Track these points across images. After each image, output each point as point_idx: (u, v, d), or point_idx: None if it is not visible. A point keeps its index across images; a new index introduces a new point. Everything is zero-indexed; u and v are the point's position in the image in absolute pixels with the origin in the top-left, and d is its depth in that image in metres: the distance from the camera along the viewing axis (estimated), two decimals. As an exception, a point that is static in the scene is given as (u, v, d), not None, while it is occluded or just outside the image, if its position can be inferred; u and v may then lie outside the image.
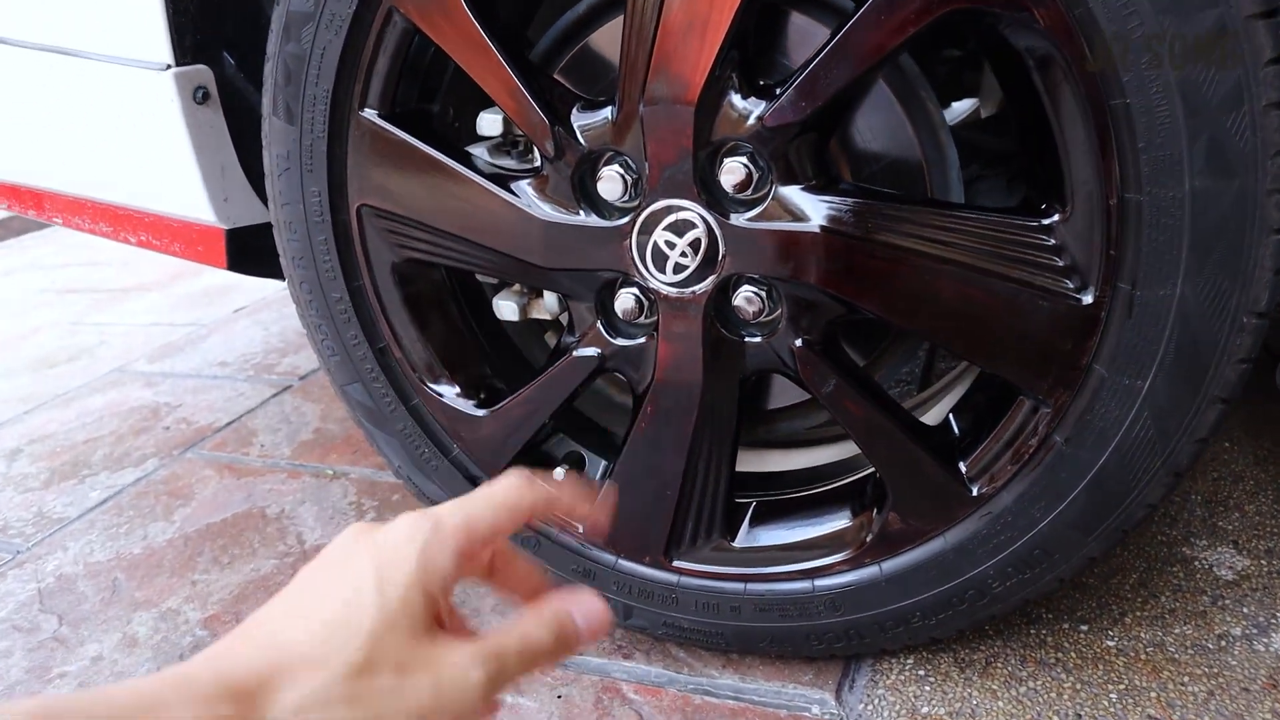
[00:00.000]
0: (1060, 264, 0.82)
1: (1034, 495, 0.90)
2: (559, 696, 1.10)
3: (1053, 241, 0.82)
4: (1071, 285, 0.82)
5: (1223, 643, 1.09)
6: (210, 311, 2.81)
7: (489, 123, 1.01)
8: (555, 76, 0.98)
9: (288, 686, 0.42)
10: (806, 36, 0.92)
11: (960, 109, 1.11)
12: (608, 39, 1.01)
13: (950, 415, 0.99)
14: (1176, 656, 1.07)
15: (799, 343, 0.92)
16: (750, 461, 1.15)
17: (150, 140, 1.15)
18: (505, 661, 0.48)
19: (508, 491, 0.52)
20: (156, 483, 1.74)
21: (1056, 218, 0.81)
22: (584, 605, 0.52)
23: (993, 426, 0.92)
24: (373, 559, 0.47)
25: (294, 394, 2.09)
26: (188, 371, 2.31)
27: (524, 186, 0.97)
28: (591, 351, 1.00)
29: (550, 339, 1.20)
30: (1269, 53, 0.70)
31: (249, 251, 1.22)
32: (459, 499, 0.52)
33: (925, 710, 1.03)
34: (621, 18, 0.87)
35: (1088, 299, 0.82)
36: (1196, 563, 1.21)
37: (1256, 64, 0.71)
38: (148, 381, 2.28)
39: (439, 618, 0.48)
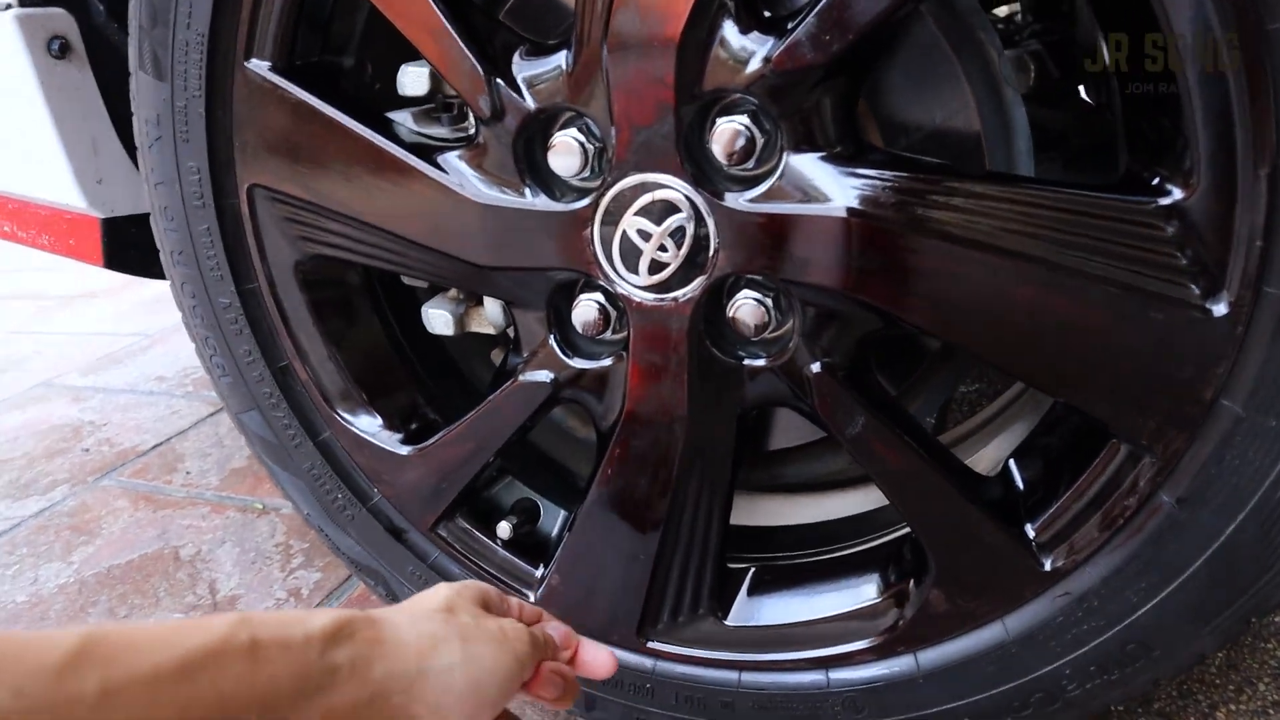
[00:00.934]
0: (1180, 261, 0.59)
1: (1131, 573, 0.67)
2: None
3: (1170, 230, 0.59)
4: (1196, 290, 0.59)
5: (1344, 745, 0.85)
6: (159, 320, 2.57)
7: (413, 78, 0.78)
8: (493, 15, 0.74)
9: (396, 610, 0.53)
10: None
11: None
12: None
13: (1011, 461, 0.76)
14: (1290, 765, 0.84)
15: (817, 367, 0.69)
16: (747, 511, 0.92)
17: None
18: (532, 632, 0.59)
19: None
20: (61, 515, 1.50)
21: (1178, 196, 0.58)
22: (555, 626, 0.64)
23: (1073, 479, 0.69)
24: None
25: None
26: (122, 386, 2.08)
27: (455, 160, 0.74)
28: (543, 376, 0.77)
29: (497, 358, 0.97)
30: None
31: (133, 246, 0.99)
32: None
33: (973, 839, 0.80)
34: None
35: (1220, 309, 0.59)
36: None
37: None
38: (76, 396, 2.04)
39: None
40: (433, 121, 0.80)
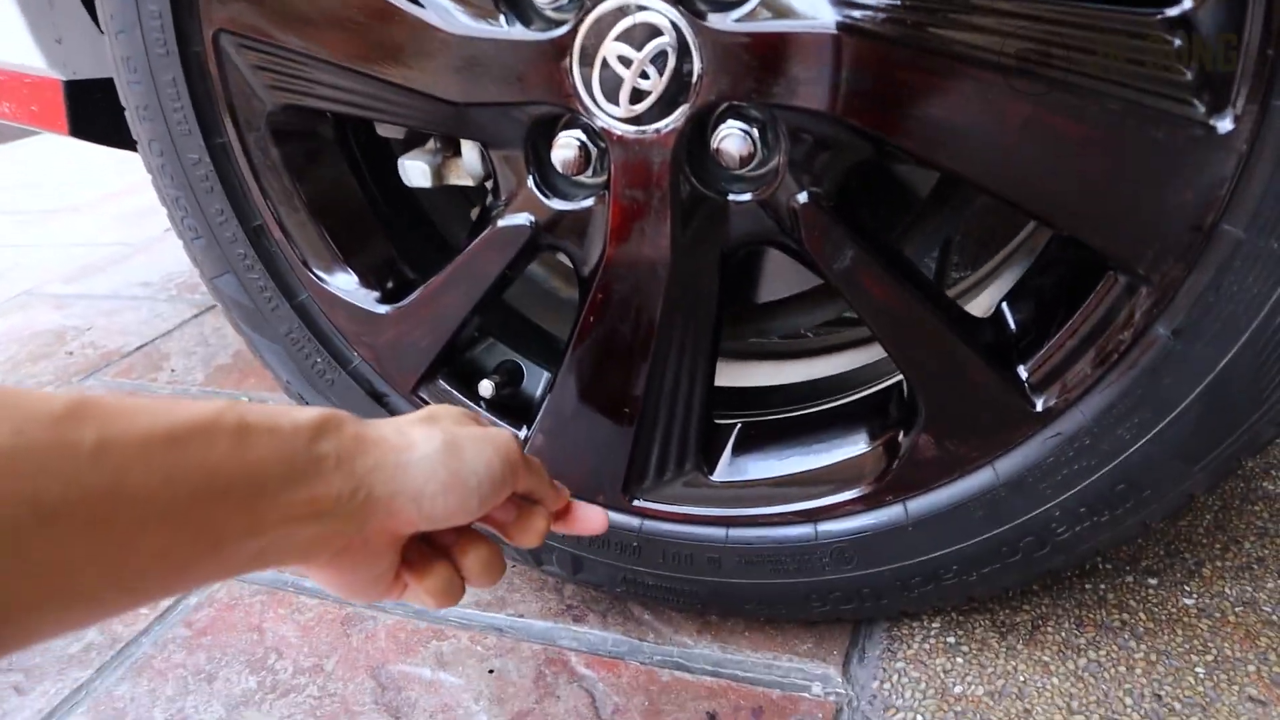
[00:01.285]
0: (1186, 76, 0.56)
1: (1124, 410, 0.65)
2: (490, 671, 0.86)
3: (1175, 41, 0.56)
4: (1201, 107, 0.57)
5: (1328, 600, 0.85)
6: (141, 230, 2.52)
7: (381, -95, 0.74)
8: None
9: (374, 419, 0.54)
10: None
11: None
12: None
13: (1003, 305, 0.74)
14: (1274, 618, 0.84)
15: (804, 198, 0.66)
16: (734, 374, 0.90)
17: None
18: (531, 457, 0.62)
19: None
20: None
21: (1186, 5, 0.55)
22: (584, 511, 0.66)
23: (1067, 316, 0.67)
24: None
25: (217, 314, 1.83)
26: (105, 293, 2.04)
27: (427, -12, 0.70)
28: (522, 219, 0.74)
29: (474, 213, 0.94)
30: None
31: (100, 111, 0.95)
32: None
33: (959, 690, 0.80)
34: None
35: (1224, 125, 0.56)
36: (1287, 500, 0.97)
37: None
38: (59, 304, 2.01)
39: None
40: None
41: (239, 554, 0.43)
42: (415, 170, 0.82)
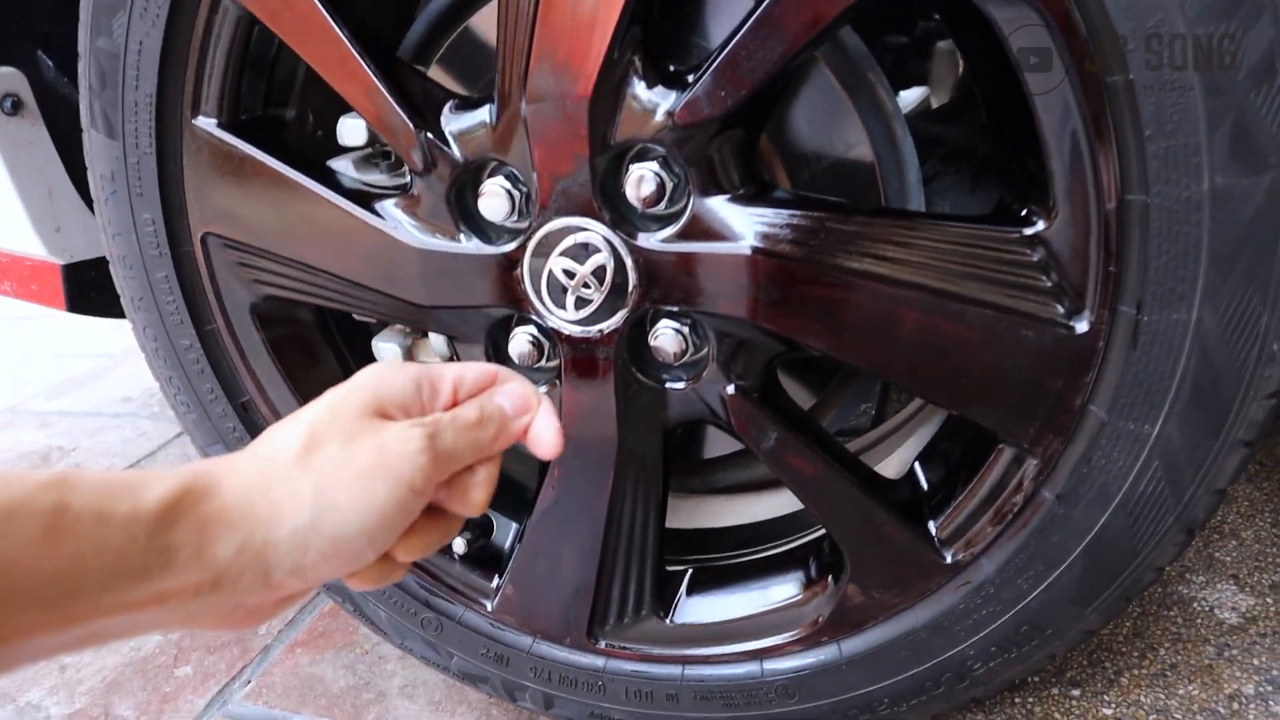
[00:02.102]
0: (1046, 284, 0.66)
1: (1021, 563, 0.74)
2: (470, 807, 0.93)
3: (1036, 256, 0.66)
4: (1061, 310, 0.66)
5: (1235, 705, 0.94)
6: (119, 339, 2.59)
7: (351, 129, 0.83)
8: (422, 70, 0.80)
9: (251, 465, 0.47)
10: (724, 5, 0.75)
11: (909, 99, 0.95)
12: (491, 22, 0.83)
13: (916, 465, 0.83)
14: (1185, 725, 0.92)
15: (731, 390, 0.75)
16: (683, 513, 0.98)
17: (-44, 159, 0.96)
18: (440, 424, 0.51)
19: (474, 363, 0.59)
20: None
21: (1040, 227, 0.65)
22: (504, 391, 0.57)
23: (968, 480, 0.76)
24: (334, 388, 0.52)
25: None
26: (88, 409, 2.10)
27: (393, 207, 0.79)
28: (484, 403, 0.83)
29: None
30: (1308, 11, 0.55)
31: (94, 289, 1.04)
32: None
33: (900, 807, 0.87)
34: None
35: (1081, 326, 0.66)
36: (1196, 604, 1.06)
37: (1290, 25, 0.55)
38: (42, 422, 2.06)
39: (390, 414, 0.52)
40: (372, 167, 0.85)
41: (54, 646, 0.38)
42: (388, 350, 0.91)
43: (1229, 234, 0.60)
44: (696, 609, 0.89)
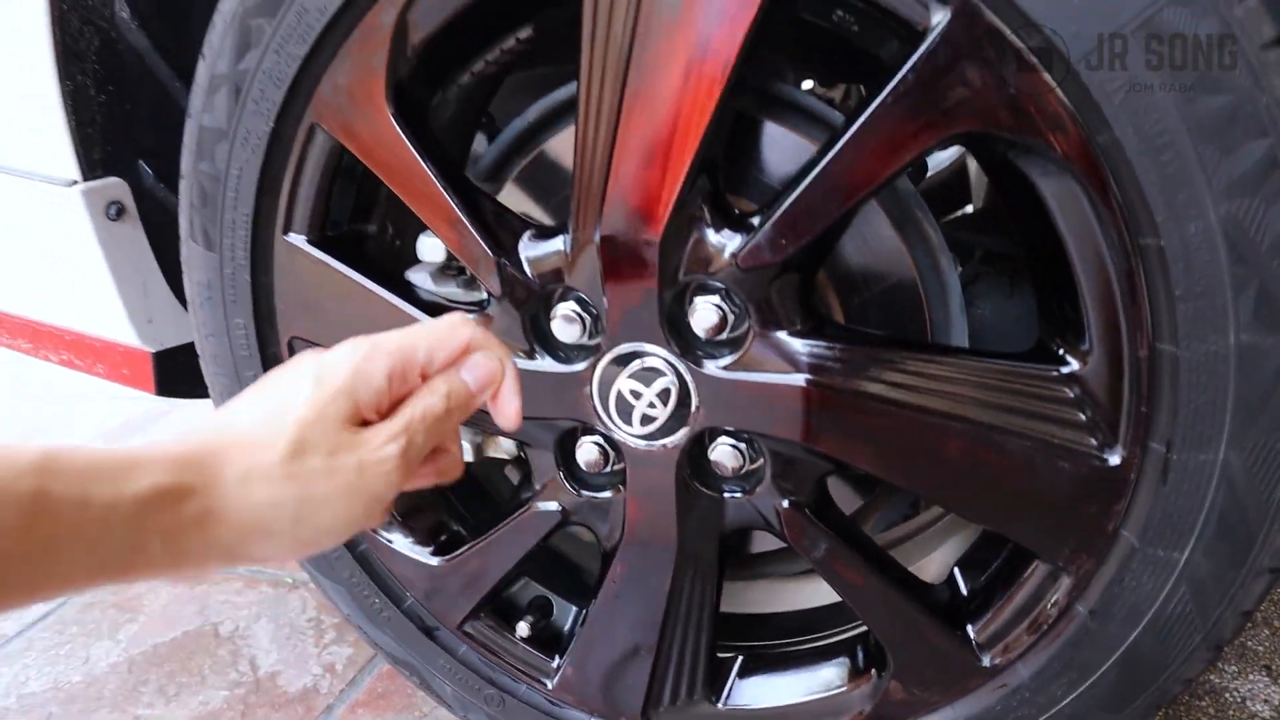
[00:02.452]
0: (1081, 419, 0.71)
1: (1055, 671, 0.79)
2: None
3: (1072, 394, 0.71)
4: (1095, 444, 0.71)
5: (1264, 794, 0.97)
6: (175, 378, 2.68)
7: (429, 247, 0.90)
8: (500, 201, 0.86)
9: (236, 460, 0.49)
10: (786, 150, 0.81)
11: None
12: (565, 146, 0.90)
13: (956, 570, 0.88)
14: (1216, 812, 0.96)
15: (785, 504, 0.81)
16: (737, 598, 1.04)
17: (62, 257, 1.04)
18: (412, 432, 0.56)
19: (446, 325, 0.61)
20: (105, 591, 1.62)
21: (1076, 367, 0.71)
22: (471, 366, 0.60)
23: (1006, 589, 0.81)
24: (314, 366, 0.55)
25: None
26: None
27: (470, 322, 0.85)
28: (553, 505, 0.89)
29: (512, 472, 1.09)
30: (1325, 190, 0.60)
31: (182, 373, 1.11)
32: (403, 329, 0.60)
33: None
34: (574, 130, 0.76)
35: (1114, 460, 0.71)
36: (1228, 694, 1.10)
37: (1311, 203, 0.60)
38: (104, 464, 2.15)
39: (366, 420, 0.55)
40: (448, 281, 0.92)
41: (11, 606, 0.40)
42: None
43: (1254, 386, 0.65)
44: (746, 694, 0.94)
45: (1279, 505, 0.68)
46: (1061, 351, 0.72)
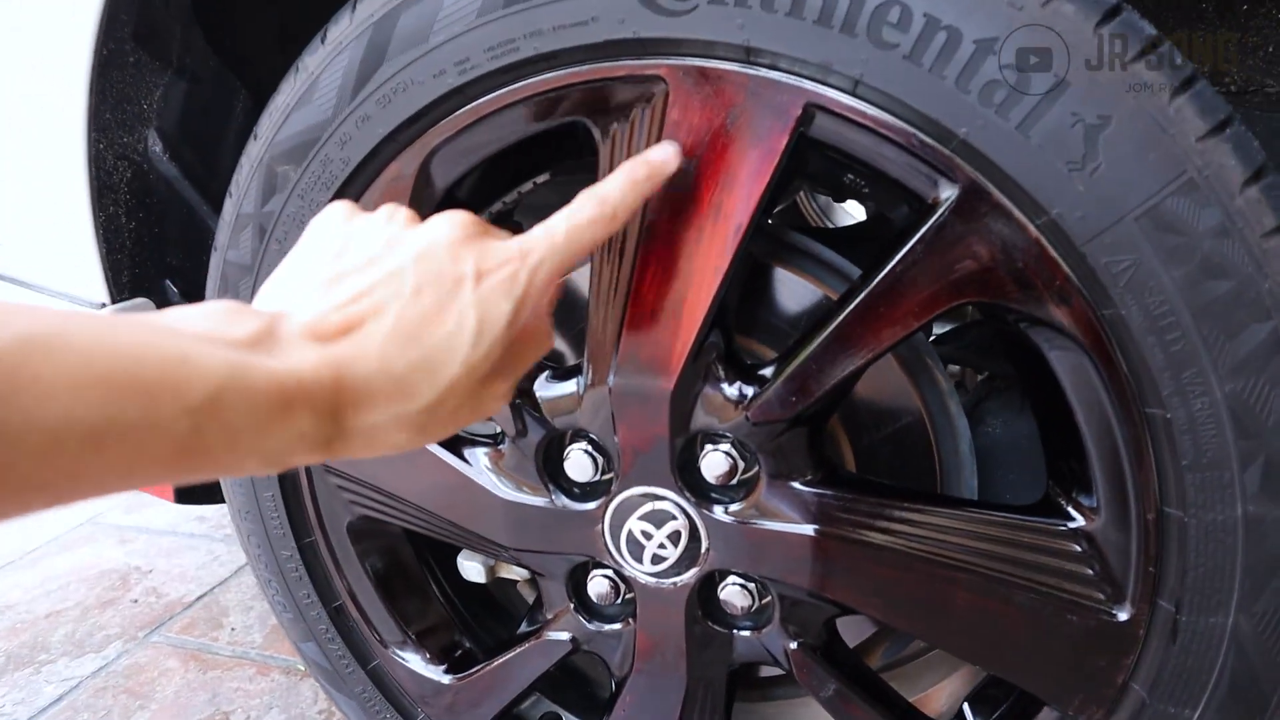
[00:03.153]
0: (1089, 573, 0.72)
1: (1068, 818, 0.79)
2: None
3: (1079, 549, 0.71)
4: (1103, 598, 0.72)
5: None
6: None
7: (447, 378, 0.91)
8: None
9: (381, 409, 0.49)
10: (795, 295, 0.83)
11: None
12: (579, 281, 0.92)
13: (965, 707, 0.88)
14: None
15: (794, 645, 0.81)
16: (745, 716, 1.04)
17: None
18: (522, 365, 0.59)
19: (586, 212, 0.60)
20: (117, 675, 1.62)
21: (1083, 523, 0.71)
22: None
23: (1017, 733, 0.81)
24: (477, 301, 0.53)
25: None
26: (163, 527, 2.20)
27: (484, 458, 0.87)
28: (563, 635, 0.90)
29: (525, 590, 1.10)
30: (1329, 368, 0.61)
31: (199, 484, 1.12)
32: (548, 224, 0.59)
33: None
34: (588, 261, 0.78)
35: (1123, 615, 0.71)
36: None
37: (1315, 381, 0.61)
38: (121, 537, 2.17)
39: None
40: (465, 408, 0.93)
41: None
42: (471, 569, 0.98)
43: (1262, 555, 0.65)
44: (756, 824, 0.94)
45: (1289, 668, 0.68)
46: (1069, 507, 0.73)
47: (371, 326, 0.50)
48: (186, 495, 1.12)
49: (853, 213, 2.32)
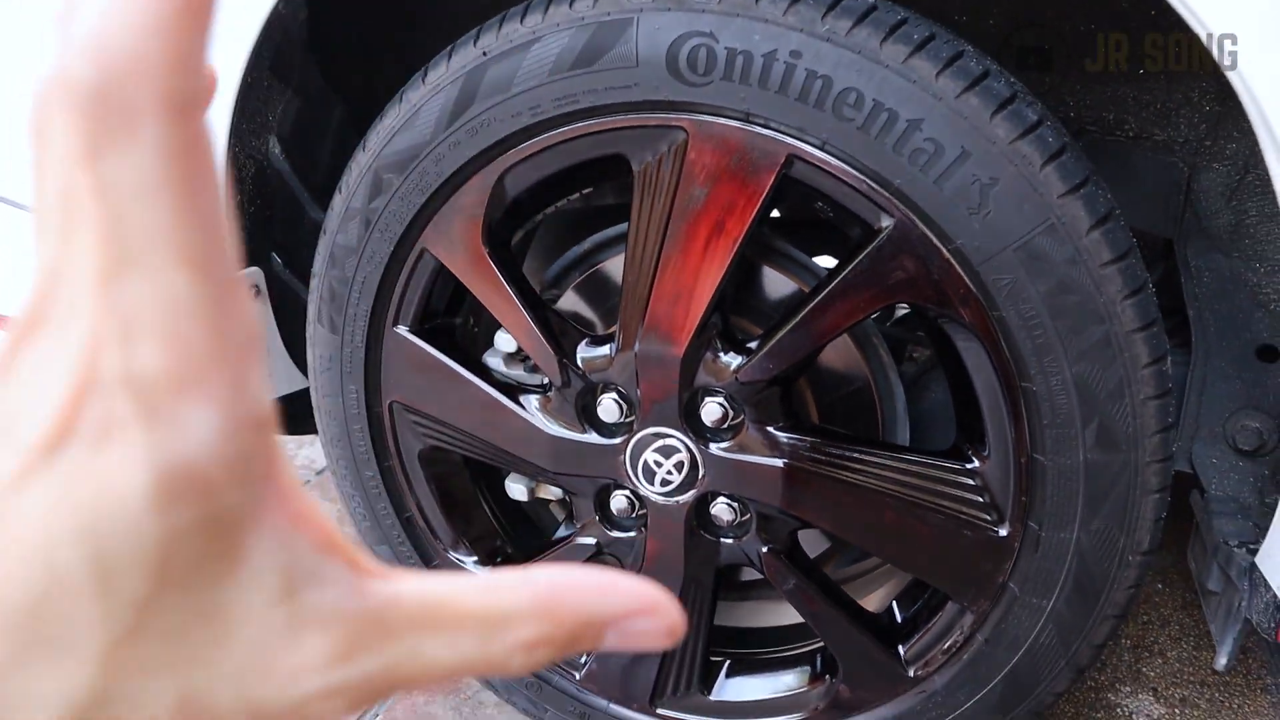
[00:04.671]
0: (981, 501, 0.99)
1: (960, 682, 1.07)
2: (557, 824, 1.26)
3: (975, 483, 0.99)
4: (990, 519, 0.99)
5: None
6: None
7: (505, 340, 1.17)
8: (564, 314, 1.14)
9: None
10: (780, 286, 1.09)
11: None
12: (611, 269, 1.18)
13: (894, 603, 1.16)
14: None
15: (765, 550, 1.09)
16: (727, 614, 1.31)
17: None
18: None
19: None
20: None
21: (978, 464, 0.98)
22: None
23: (928, 620, 1.09)
24: None
25: (310, 490, 2.23)
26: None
27: (533, 402, 1.13)
28: (589, 540, 1.17)
29: (556, 509, 1.36)
30: (1145, 358, 0.87)
31: (287, 417, 1.39)
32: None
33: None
34: (622, 255, 1.04)
35: (1003, 532, 0.99)
36: (1119, 709, 1.37)
37: (1135, 367, 0.88)
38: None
39: None
40: (517, 365, 1.19)
41: None
42: (516, 489, 1.25)
43: (1097, 488, 0.92)
44: (731, 690, 1.22)
45: (1117, 571, 0.96)
46: (969, 453, 1.00)
47: None
48: (290, 426, 1.38)
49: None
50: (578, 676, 1.26)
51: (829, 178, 0.91)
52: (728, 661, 1.24)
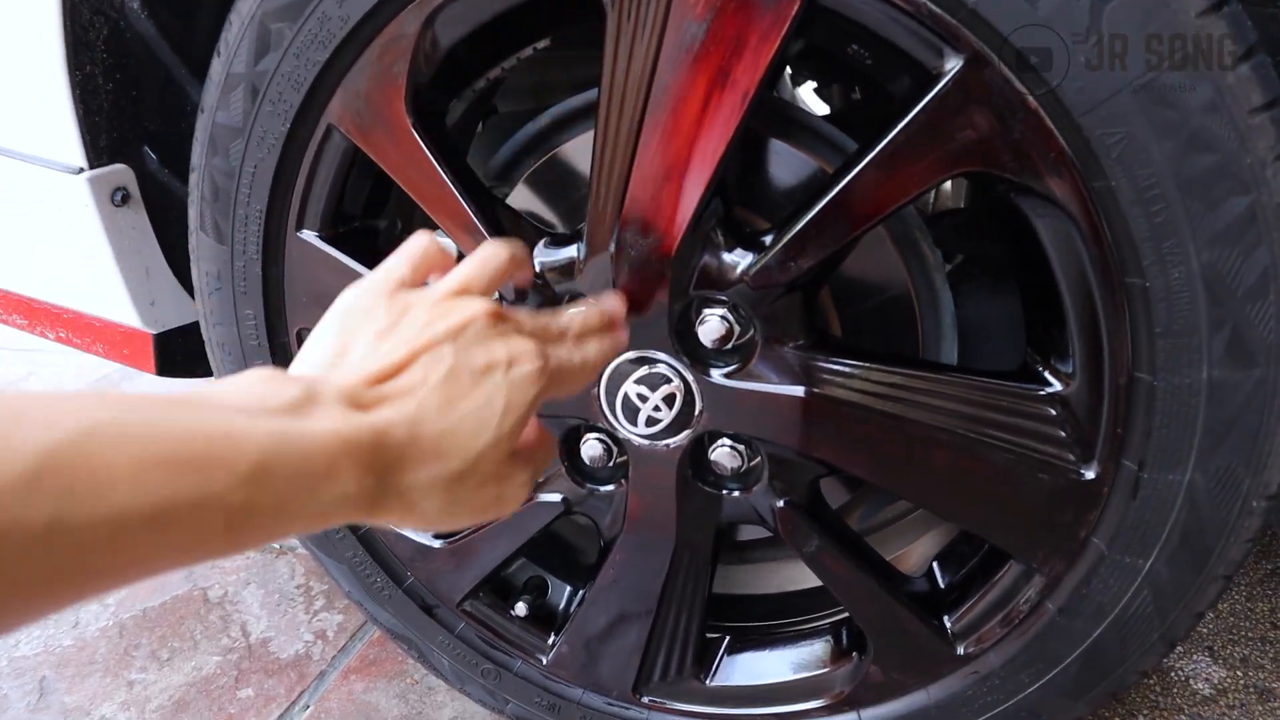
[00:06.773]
0: (1061, 436, 0.77)
1: (1023, 661, 0.85)
2: (523, 838, 1.04)
3: (1054, 412, 0.76)
4: (1072, 458, 0.77)
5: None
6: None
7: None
8: (514, 208, 0.89)
9: (419, 472, 0.53)
10: (795, 168, 0.85)
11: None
12: (576, 151, 0.92)
13: (935, 564, 0.94)
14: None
15: (780, 503, 0.86)
16: (724, 579, 1.09)
17: (66, 240, 1.04)
18: (538, 464, 0.66)
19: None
20: (87, 552, 1.63)
21: (1059, 388, 0.76)
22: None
23: (982, 585, 0.87)
24: (507, 385, 0.58)
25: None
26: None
27: (482, 323, 0.88)
28: (555, 497, 0.93)
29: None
30: (1296, 241, 0.65)
31: (181, 354, 1.12)
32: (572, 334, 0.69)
33: None
34: (591, 134, 0.79)
35: (1090, 474, 0.77)
36: (1174, 674, 1.18)
37: (1283, 252, 0.65)
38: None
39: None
40: (458, 278, 0.94)
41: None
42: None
43: (1221, 415, 0.71)
44: (733, 672, 1.00)
45: (1237, 520, 0.75)
46: (1046, 373, 0.77)
47: (409, 395, 0.54)
48: (167, 366, 1.11)
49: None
50: (544, 661, 1.04)
51: (874, 2, 0.67)
52: (727, 637, 1.02)
